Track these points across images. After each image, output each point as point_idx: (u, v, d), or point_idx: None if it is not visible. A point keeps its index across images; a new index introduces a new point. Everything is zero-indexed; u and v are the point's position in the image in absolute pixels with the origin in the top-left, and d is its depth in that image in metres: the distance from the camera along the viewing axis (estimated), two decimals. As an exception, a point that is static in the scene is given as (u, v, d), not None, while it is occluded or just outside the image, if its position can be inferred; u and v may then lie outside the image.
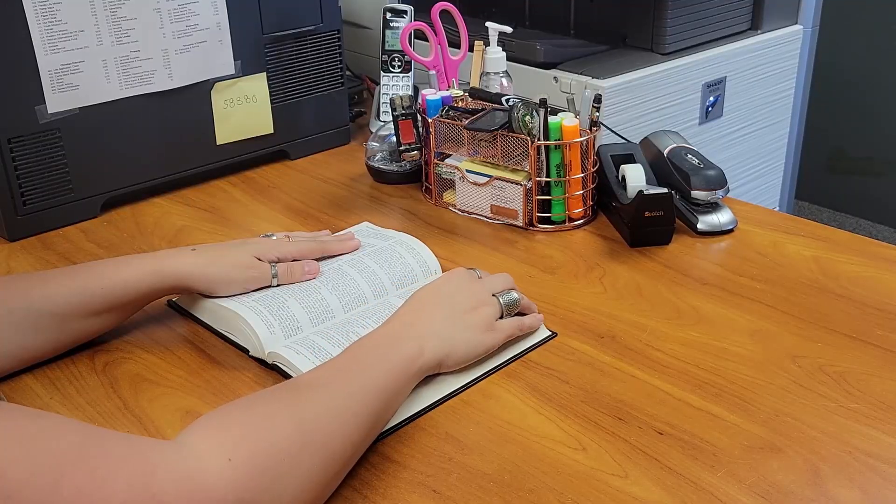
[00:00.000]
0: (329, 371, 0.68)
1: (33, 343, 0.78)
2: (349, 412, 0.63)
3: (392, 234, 0.98)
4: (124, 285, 0.79)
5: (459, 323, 0.76)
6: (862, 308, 0.86)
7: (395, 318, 0.75)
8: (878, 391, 0.74)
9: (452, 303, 0.77)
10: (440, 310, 0.76)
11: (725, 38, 1.59)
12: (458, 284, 0.79)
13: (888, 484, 0.64)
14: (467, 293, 0.79)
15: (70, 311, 0.78)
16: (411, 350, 0.71)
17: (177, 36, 1.12)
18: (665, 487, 0.64)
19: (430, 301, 0.77)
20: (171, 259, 0.82)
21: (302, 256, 0.89)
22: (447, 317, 0.75)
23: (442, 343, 0.74)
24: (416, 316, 0.75)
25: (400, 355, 0.70)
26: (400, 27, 1.26)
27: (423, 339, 0.73)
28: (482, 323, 0.77)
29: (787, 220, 1.06)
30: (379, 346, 0.71)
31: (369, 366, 0.69)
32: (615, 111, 1.37)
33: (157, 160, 1.17)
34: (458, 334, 0.75)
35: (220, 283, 0.83)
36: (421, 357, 0.71)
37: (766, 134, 1.72)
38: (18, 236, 1.07)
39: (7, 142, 1.03)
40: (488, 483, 0.65)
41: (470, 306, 0.77)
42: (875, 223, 2.80)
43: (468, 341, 0.76)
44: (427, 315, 0.75)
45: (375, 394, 0.66)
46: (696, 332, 0.83)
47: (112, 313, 0.81)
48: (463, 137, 1.08)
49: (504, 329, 0.79)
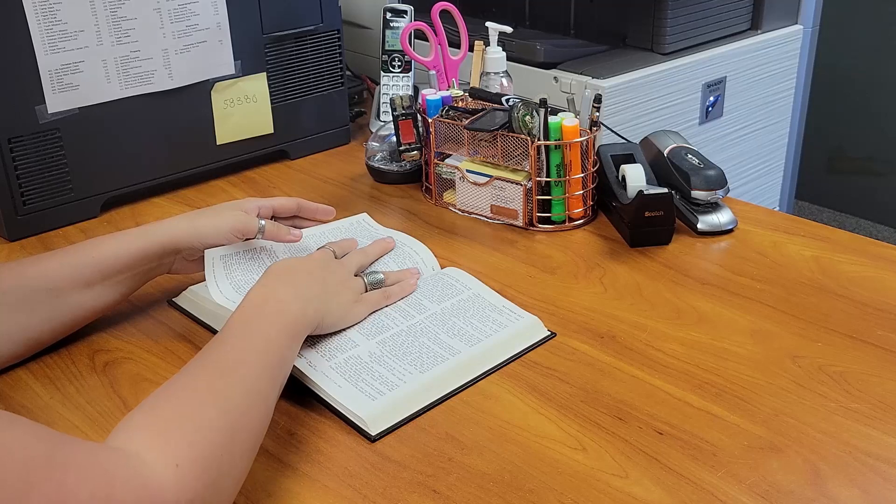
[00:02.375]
0: (233, 345, 0.68)
1: (29, 322, 0.78)
2: (261, 392, 0.66)
3: (391, 233, 0.98)
4: (114, 252, 0.81)
5: (331, 290, 0.80)
6: (862, 308, 0.86)
7: (272, 282, 0.76)
8: (878, 391, 0.74)
9: (322, 277, 0.80)
10: (313, 277, 0.79)
11: (725, 38, 1.59)
12: (321, 264, 0.83)
13: (888, 484, 0.64)
14: (332, 271, 0.83)
15: (63, 286, 0.79)
16: (296, 312, 0.74)
17: (177, 36, 1.12)
18: (665, 487, 0.64)
19: (303, 270, 0.79)
20: (160, 224, 0.85)
21: (280, 208, 0.92)
22: (320, 284, 0.79)
23: (320, 306, 0.77)
24: (293, 281, 0.77)
25: (288, 319, 0.72)
26: (400, 27, 1.26)
27: (304, 301, 0.75)
28: (350, 294, 0.82)
29: (787, 220, 1.06)
30: (268, 315, 0.72)
31: (267, 336, 0.70)
32: (615, 111, 1.37)
33: (157, 160, 1.17)
34: (333, 299, 0.79)
35: (207, 233, 0.84)
36: (305, 317, 0.74)
37: (765, 134, 1.72)
38: (18, 236, 1.07)
39: (7, 142, 1.03)
40: (488, 483, 0.65)
41: (337, 281, 0.82)
42: (875, 223, 2.80)
43: (340, 306, 0.80)
44: (303, 281, 0.78)
45: (278, 365, 0.69)
46: (696, 332, 0.83)
47: (106, 285, 0.81)
48: (463, 137, 1.08)
49: (371, 300, 0.84)
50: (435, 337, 0.80)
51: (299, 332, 0.74)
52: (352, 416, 0.72)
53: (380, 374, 0.75)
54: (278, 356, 0.69)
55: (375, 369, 0.76)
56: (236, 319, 0.71)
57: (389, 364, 0.76)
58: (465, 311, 0.84)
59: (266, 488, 0.66)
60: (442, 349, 0.79)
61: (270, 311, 0.72)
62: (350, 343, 0.79)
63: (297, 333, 0.73)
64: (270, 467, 0.68)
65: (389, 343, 0.79)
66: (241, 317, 0.71)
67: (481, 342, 0.80)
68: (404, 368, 0.76)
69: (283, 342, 0.71)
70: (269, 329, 0.70)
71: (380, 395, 0.73)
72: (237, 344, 0.68)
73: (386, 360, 0.77)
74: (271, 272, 0.78)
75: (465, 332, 0.81)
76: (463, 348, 0.79)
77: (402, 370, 0.76)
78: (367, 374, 0.75)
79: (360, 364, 0.76)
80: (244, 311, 0.72)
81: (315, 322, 0.76)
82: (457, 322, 0.82)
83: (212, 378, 0.64)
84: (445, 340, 0.80)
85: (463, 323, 0.82)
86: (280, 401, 0.75)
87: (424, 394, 0.74)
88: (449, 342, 0.80)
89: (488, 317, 0.83)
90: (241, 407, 0.63)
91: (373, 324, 0.81)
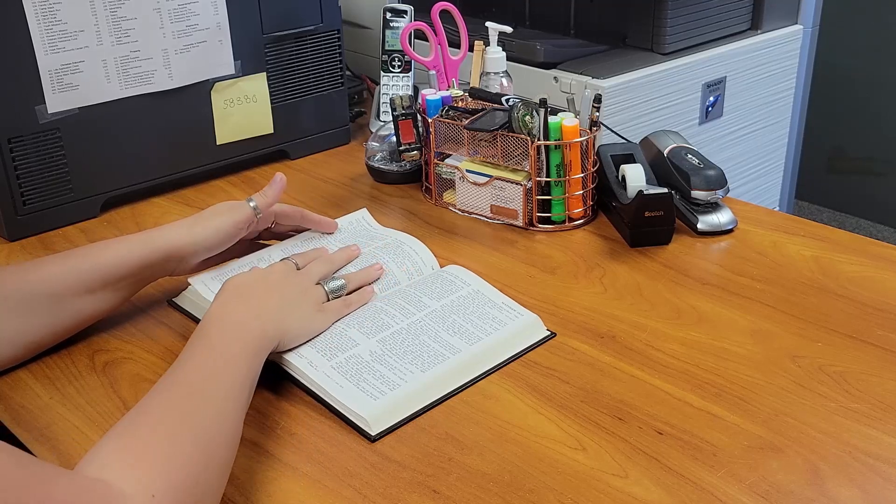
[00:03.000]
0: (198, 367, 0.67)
1: (30, 327, 0.78)
2: (229, 414, 0.65)
3: (391, 232, 0.98)
4: (116, 260, 0.81)
5: (291, 304, 0.78)
6: (862, 308, 0.86)
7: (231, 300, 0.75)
8: (878, 391, 0.74)
9: (281, 290, 0.79)
10: (271, 293, 0.78)
11: (725, 38, 1.59)
12: (280, 276, 0.81)
13: (888, 484, 0.64)
14: (291, 282, 0.81)
15: (64, 291, 0.79)
16: (256, 329, 0.73)
17: (177, 36, 1.12)
18: (665, 487, 0.64)
19: (261, 286, 0.78)
20: (160, 230, 0.85)
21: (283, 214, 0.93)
22: (279, 299, 0.78)
23: (280, 322, 0.76)
24: (251, 298, 0.76)
25: (248, 336, 0.72)
26: (400, 27, 1.26)
27: (263, 318, 0.74)
28: (310, 304, 0.80)
29: (787, 220, 1.06)
30: (229, 334, 0.71)
31: (229, 356, 0.69)
32: (615, 111, 1.37)
33: (157, 160, 1.17)
34: (293, 313, 0.78)
35: (207, 235, 0.85)
36: (265, 335, 0.73)
37: (765, 134, 1.72)
38: (18, 236, 1.07)
39: (7, 142, 1.03)
40: (488, 483, 0.65)
41: (297, 293, 0.80)
42: (875, 223, 2.80)
43: (300, 319, 0.78)
44: (262, 297, 0.77)
45: (241, 387, 0.68)
46: (696, 332, 0.83)
47: (107, 291, 0.82)
48: (463, 137, 1.08)
49: (332, 309, 0.82)
50: (435, 335, 0.80)
51: (260, 351, 0.72)
52: (353, 417, 0.72)
53: (381, 373, 0.75)
54: (242, 376, 0.69)
55: (377, 368, 0.76)
56: (197, 340, 0.70)
57: (390, 363, 0.76)
58: (465, 307, 0.84)
59: (266, 488, 0.66)
60: (442, 347, 0.79)
61: (230, 330, 0.71)
62: (351, 342, 0.79)
63: (259, 351, 0.72)
64: (271, 467, 0.68)
65: (390, 341, 0.79)
66: (202, 338, 0.70)
67: (481, 340, 0.80)
68: (405, 367, 0.76)
69: (245, 361, 0.70)
70: (231, 348, 0.70)
71: (381, 395, 0.73)
72: (202, 366, 0.67)
73: (387, 358, 0.77)
74: (227, 288, 0.76)
75: (466, 329, 0.81)
76: (463, 347, 0.79)
77: (403, 369, 0.76)
78: (368, 373, 0.75)
79: (362, 363, 0.76)
80: (205, 332, 0.71)
81: (276, 339, 0.75)
82: (457, 319, 0.82)
83: (180, 403, 0.64)
84: (446, 338, 0.80)
85: (463, 320, 0.82)
86: (280, 401, 0.75)
87: (425, 393, 0.74)
88: (449, 340, 0.80)
89: (488, 314, 0.84)
90: (211, 431, 0.63)
91: (373, 322, 0.82)
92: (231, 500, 0.65)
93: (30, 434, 0.72)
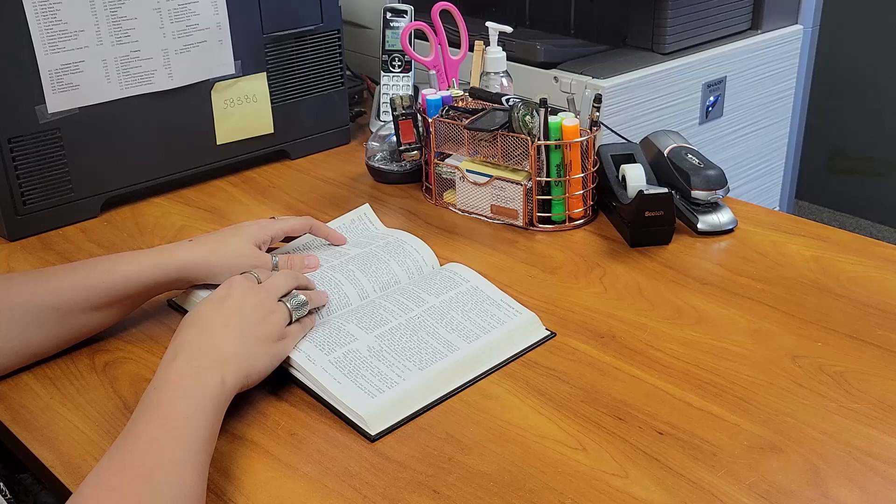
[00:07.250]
0: (152, 438, 0.62)
1: (35, 338, 0.78)
2: (194, 472, 0.61)
3: (393, 231, 0.98)
4: (125, 280, 0.80)
5: (252, 338, 0.73)
6: (862, 308, 0.86)
7: (186, 347, 0.70)
8: (878, 391, 0.74)
9: (241, 317, 0.73)
10: (230, 329, 0.72)
11: (725, 37, 1.58)
12: (242, 295, 0.75)
13: (888, 484, 0.64)
14: (253, 303, 0.75)
15: (71, 306, 0.78)
16: (215, 382, 0.68)
17: (177, 36, 1.12)
18: (665, 487, 0.64)
19: (218, 320, 0.73)
20: (172, 252, 0.83)
21: (292, 231, 0.93)
22: (239, 335, 0.72)
23: (241, 364, 0.71)
24: (208, 341, 0.71)
25: (206, 393, 0.67)
26: (400, 27, 1.26)
27: (223, 365, 0.69)
28: (273, 333, 0.75)
29: (787, 219, 1.06)
30: (184, 388, 0.66)
31: (184, 422, 0.64)
32: (615, 111, 1.37)
33: (157, 160, 1.17)
34: (254, 350, 0.73)
35: (221, 272, 0.83)
36: (224, 385, 0.68)
37: (765, 134, 1.72)
38: (18, 236, 1.07)
39: (7, 142, 1.03)
40: (488, 483, 0.65)
41: (258, 317, 0.75)
42: (875, 223, 2.80)
43: (264, 355, 0.73)
44: (218, 337, 0.71)
45: (198, 452, 0.63)
46: (696, 332, 0.83)
47: (113, 308, 0.81)
48: (463, 137, 1.08)
49: (294, 335, 0.78)
50: (433, 332, 0.80)
51: (220, 404, 0.67)
52: (351, 415, 0.72)
53: (379, 370, 0.75)
54: (201, 438, 0.64)
55: (374, 365, 0.76)
56: (150, 403, 0.65)
57: (388, 360, 0.76)
58: (464, 304, 0.84)
59: (266, 488, 0.66)
60: (440, 345, 0.79)
61: (185, 387, 0.66)
62: (349, 337, 0.79)
63: (218, 406, 0.67)
64: (270, 467, 0.68)
65: (388, 337, 0.79)
66: (151, 406, 0.65)
67: (480, 338, 0.80)
68: (403, 365, 0.76)
69: (204, 421, 0.65)
70: (187, 409, 0.65)
71: (379, 393, 0.73)
72: (156, 437, 0.62)
73: (385, 355, 0.77)
74: (181, 334, 0.71)
75: (464, 326, 0.81)
76: (461, 344, 0.79)
77: (401, 366, 0.76)
78: (365, 369, 0.75)
79: (359, 359, 0.76)
80: (157, 392, 0.66)
81: (238, 385, 0.70)
82: (455, 316, 0.82)
83: (134, 484, 0.59)
84: (444, 336, 0.80)
85: (461, 317, 0.82)
86: (280, 401, 0.75)
87: (424, 393, 0.74)
88: (447, 337, 0.80)
89: (486, 311, 0.84)
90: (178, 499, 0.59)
91: (371, 317, 0.82)
92: (231, 500, 0.65)
93: (30, 434, 0.72)
